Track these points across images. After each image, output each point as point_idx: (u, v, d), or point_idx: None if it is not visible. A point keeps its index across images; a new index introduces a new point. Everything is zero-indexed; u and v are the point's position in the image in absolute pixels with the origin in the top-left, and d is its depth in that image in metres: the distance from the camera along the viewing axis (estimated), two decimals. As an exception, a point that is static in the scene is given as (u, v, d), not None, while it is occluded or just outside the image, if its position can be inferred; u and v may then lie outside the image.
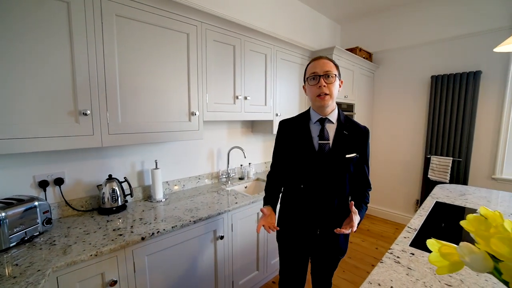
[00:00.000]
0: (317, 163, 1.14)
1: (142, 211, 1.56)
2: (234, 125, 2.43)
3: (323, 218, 1.18)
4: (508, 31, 2.46)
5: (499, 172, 2.56)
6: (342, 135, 1.16)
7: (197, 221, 1.46)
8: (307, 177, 1.17)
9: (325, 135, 1.15)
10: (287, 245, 1.27)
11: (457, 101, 2.66)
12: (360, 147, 1.19)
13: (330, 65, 1.11)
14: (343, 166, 1.15)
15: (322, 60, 1.13)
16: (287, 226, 1.26)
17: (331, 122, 1.18)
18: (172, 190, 1.98)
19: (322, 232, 1.19)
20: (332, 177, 1.15)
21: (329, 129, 1.17)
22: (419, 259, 1.04)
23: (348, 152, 1.15)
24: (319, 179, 1.15)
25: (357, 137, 1.18)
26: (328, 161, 1.14)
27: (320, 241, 1.20)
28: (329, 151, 1.14)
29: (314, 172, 1.15)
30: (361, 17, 3.42)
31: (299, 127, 1.21)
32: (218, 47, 1.82)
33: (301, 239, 1.22)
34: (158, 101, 1.53)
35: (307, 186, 1.17)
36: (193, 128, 1.72)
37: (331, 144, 1.15)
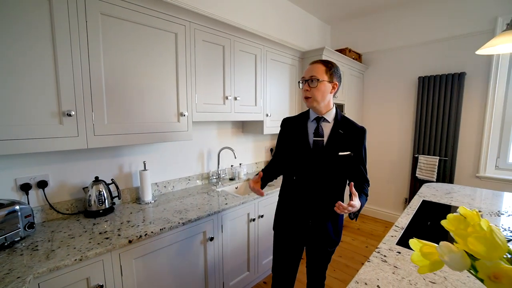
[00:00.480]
0: (310, 157, 1.22)
1: (130, 214, 1.53)
2: (224, 125, 2.42)
3: (315, 210, 1.24)
4: (489, 35, 2.54)
5: (482, 171, 2.64)
6: (337, 133, 1.22)
7: (186, 222, 1.45)
8: (299, 170, 1.25)
9: (319, 133, 1.22)
10: (282, 234, 1.35)
11: (443, 102, 2.73)
12: (356, 146, 1.23)
13: (316, 70, 1.18)
14: (336, 163, 1.21)
15: (312, 64, 1.21)
16: (282, 216, 1.35)
17: (327, 121, 1.24)
18: (161, 191, 1.96)
19: (314, 223, 1.25)
20: (323, 172, 1.21)
21: (324, 127, 1.23)
22: (405, 257, 1.06)
23: (341, 150, 1.20)
24: (310, 173, 1.22)
25: (352, 136, 1.22)
26: (320, 157, 1.20)
27: (312, 231, 1.27)
28: (322, 147, 1.21)
29: (307, 166, 1.23)
30: (350, 19, 3.46)
31: (298, 124, 1.30)
32: (207, 47, 1.81)
33: (294, 229, 1.29)
34: (145, 102, 1.51)
35: (299, 178, 1.25)
36: (182, 128, 1.70)
37: (325, 141, 1.21)
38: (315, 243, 1.29)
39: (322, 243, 1.28)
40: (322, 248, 1.30)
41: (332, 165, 1.21)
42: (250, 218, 1.90)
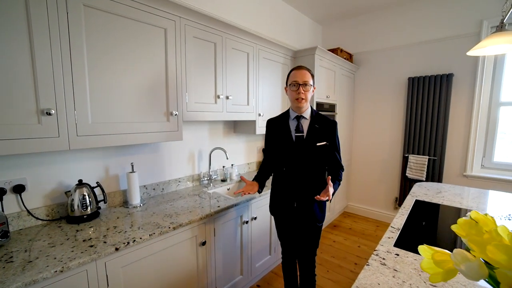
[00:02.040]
0: (294, 150, 1.46)
1: (116, 218, 1.45)
2: (216, 125, 2.36)
3: (299, 193, 1.48)
4: (475, 37, 2.60)
5: (469, 170, 2.70)
6: (314, 128, 1.46)
7: (177, 227, 1.38)
8: (287, 161, 1.48)
9: (300, 129, 1.47)
10: (276, 216, 1.62)
11: (432, 102, 2.77)
12: (330, 136, 1.46)
13: (308, 76, 1.42)
14: (315, 152, 1.44)
15: (302, 70, 1.43)
16: (274, 201, 1.60)
17: (305, 118, 1.48)
18: (151, 194, 1.87)
19: (299, 205, 1.48)
20: (306, 161, 1.45)
21: (303, 124, 1.48)
22: (404, 260, 1.05)
23: (319, 141, 1.44)
24: (296, 163, 1.46)
25: (326, 129, 1.46)
26: (303, 149, 1.45)
27: (297, 211, 1.49)
28: (303, 140, 1.45)
29: (293, 158, 1.46)
30: (342, 19, 3.47)
31: (281, 123, 1.53)
32: (198, 44, 1.74)
33: (284, 211, 1.54)
34: (133, 100, 1.43)
35: (288, 169, 1.48)
36: (172, 128, 1.63)
37: (305, 135, 1.46)
38: (302, 220, 1.51)
39: (308, 220, 1.49)
40: (309, 224, 1.50)
41: (312, 154, 1.44)
42: (243, 221, 1.85)
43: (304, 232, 1.53)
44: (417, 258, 1.06)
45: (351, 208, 3.64)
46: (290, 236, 1.60)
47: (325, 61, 2.74)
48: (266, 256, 2.16)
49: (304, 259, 1.58)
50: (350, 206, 3.66)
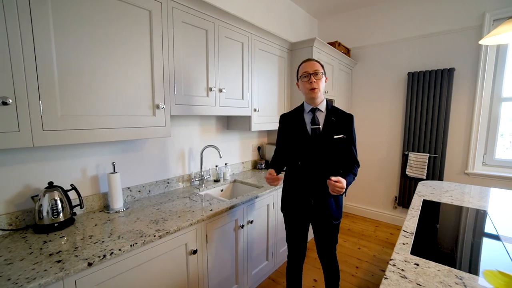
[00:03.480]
0: (310, 144, 1.40)
1: (94, 226, 1.27)
2: (208, 121, 2.19)
3: (316, 189, 1.41)
4: (477, 30, 2.52)
5: (471, 167, 2.62)
6: (330, 120, 1.41)
7: (163, 235, 1.21)
8: (303, 155, 1.42)
9: (316, 121, 1.42)
10: (289, 215, 1.53)
11: (433, 98, 2.68)
12: (346, 129, 1.41)
13: (317, 65, 1.39)
14: (332, 146, 1.39)
15: (311, 61, 1.40)
16: (288, 199, 1.51)
17: (321, 111, 1.44)
18: (135, 197, 1.69)
19: (316, 202, 1.42)
20: (323, 154, 1.39)
21: (319, 117, 1.43)
22: (425, 271, 0.91)
23: (335, 134, 1.39)
24: (312, 157, 1.40)
25: (342, 122, 1.41)
26: (319, 142, 1.39)
27: (315, 209, 1.44)
28: (319, 134, 1.40)
29: (308, 151, 1.40)
30: (338, 12, 3.35)
31: (295, 117, 1.48)
32: (187, 30, 1.57)
33: (299, 209, 1.47)
34: (113, 90, 1.24)
35: (303, 163, 1.42)
36: (158, 123, 1.46)
37: (321, 128, 1.41)
38: (319, 218, 1.45)
39: (325, 218, 1.43)
40: (326, 221, 1.44)
41: (329, 147, 1.39)
42: (239, 225, 1.70)
43: (322, 230, 1.47)
44: (440, 268, 0.93)
45: (349, 208, 3.53)
46: (302, 237, 1.54)
47: (323, 54, 2.61)
48: (263, 262, 2.00)
49: (325, 258, 1.53)
50: (348, 206, 3.55)
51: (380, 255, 2.45)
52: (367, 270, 2.21)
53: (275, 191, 2.02)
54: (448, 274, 0.90)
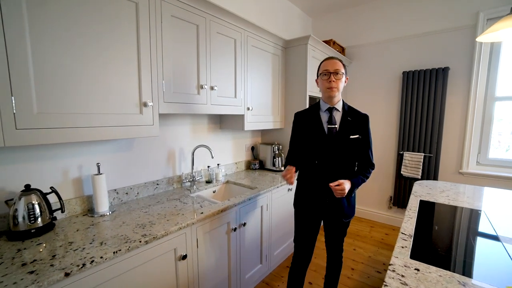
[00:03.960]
0: (327, 143, 1.40)
1: (75, 232, 1.18)
2: (200, 120, 2.11)
3: (331, 189, 1.37)
4: (471, 29, 2.51)
5: (465, 167, 2.62)
6: (346, 120, 1.41)
7: (150, 240, 1.14)
8: (320, 154, 1.42)
9: (332, 121, 1.41)
10: (302, 211, 1.52)
11: (428, 97, 2.67)
12: (362, 130, 1.42)
13: (339, 65, 1.37)
14: (348, 145, 1.39)
15: (333, 60, 1.38)
16: (302, 196, 1.52)
17: (338, 111, 1.43)
18: (122, 199, 1.61)
19: (330, 201, 1.43)
20: (339, 154, 1.40)
21: (336, 116, 1.43)
22: (427, 277, 0.86)
23: (352, 134, 1.40)
24: (329, 156, 1.40)
25: (359, 122, 1.42)
26: (335, 141, 1.39)
27: (328, 207, 1.45)
28: (336, 133, 1.40)
29: (325, 150, 1.40)
30: (332, 11, 3.32)
31: (311, 116, 1.47)
32: (177, 24, 1.50)
33: (313, 206, 1.47)
34: (97, 86, 1.17)
35: (320, 162, 1.42)
36: (146, 122, 1.38)
37: (338, 128, 1.41)
38: (332, 216, 1.47)
39: (338, 216, 1.46)
40: (338, 220, 1.47)
41: (345, 147, 1.39)
42: (231, 228, 1.63)
43: (333, 227, 1.51)
44: (442, 274, 0.88)
45: (344, 208, 3.50)
46: (312, 236, 1.53)
47: (317, 52, 2.56)
48: (256, 266, 1.94)
49: (332, 250, 1.58)
50: (343, 206, 3.51)
51: (376, 256, 2.42)
52: (363, 271, 2.17)
53: (268, 192, 1.97)
54: (450, 280, 0.85)
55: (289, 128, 2.61)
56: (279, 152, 2.59)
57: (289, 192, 2.28)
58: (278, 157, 2.57)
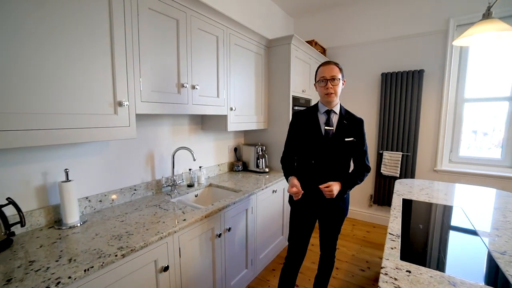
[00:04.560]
0: (323, 144, 1.44)
1: (38, 248, 1.05)
2: (180, 120, 2.01)
3: None
4: (443, 34, 2.64)
5: (439, 164, 2.75)
6: (342, 123, 1.46)
7: (127, 253, 1.03)
8: (316, 154, 1.45)
9: (330, 123, 1.45)
10: (298, 209, 1.54)
11: (405, 98, 2.77)
12: (357, 133, 1.46)
13: (335, 70, 1.39)
14: (343, 148, 1.44)
15: (330, 66, 1.40)
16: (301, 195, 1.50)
17: (335, 113, 1.47)
18: (95, 208, 1.47)
19: (326, 200, 1.46)
20: (335, 155, 1.44)
21: (333, 118, 1.47)
22: (419, 278, 0.86)
23: (347, 137, 1.44)
24: (325, 157, 1.44)
25: (354, 125, 1.47)
26: (331, 143, 1.43)
27: (324, 205, 1.48)
28: (332, 135, 1.44)
29: (322, 151, 1.44)
30: (314, 12, 3.34)
31: (309, 117, 1.51)
32: (155, 18, 1.40)
33: (310, 205, 1.50)
34: (64, 83, 1.04)
35: (317, 162, 1.46)
36: (121, 123, 1.26)
37: (335, 130, 1.45)
38: (327, 215, 1.52)
39: (333, 214, 1.51)
40: (333, 218, 1.52)
41: (340, 149, 1.43)
42: (216, 234, 1.55)
43: (328, 225, 1.55)
44: (432, 274, 0.88)
45: (326, 207, 3.54)
46: (306, 235, 1.55)
47: (300, 53, 2.56)
48: (242, 271, 1.88)
49: (326, 245, 1.61)
50: (325, 205, 3.55)
51: (359, 254, 2.46)
52: (347, 270, 2.19)
53: (253, 194, 1.91)
54: (441, 280, 0.85)
55: (272, 129, 2.57)
56: (263, 153, 2.54)
57: (274, 194, 2.24)
58: (262, 158, 2.52)
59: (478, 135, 2.71)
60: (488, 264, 0.96)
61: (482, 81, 2.61)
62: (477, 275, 0.90)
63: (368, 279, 2.07)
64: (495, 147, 2.63)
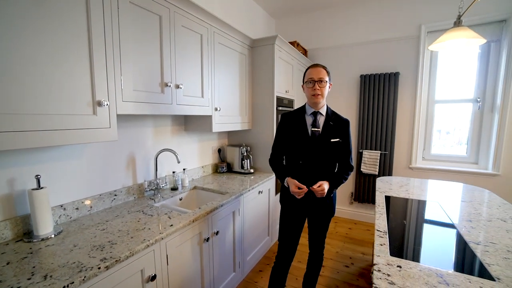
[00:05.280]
0: (310, 145, 1.48)
1: (5, 265, 0.94)
2: (163, 121, 1.93)
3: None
4: (416, 39, 2.81)
5: (414, 162, 2.92)
6: (329, 125, 1.50)
7: (112, 265, 0.96)
8: (304, 155, 1.50)
9: (316, 124, 1.50)
10: (288, 209, 1.58)
11: (382, 99, 2.90)
12: (343, 133, 1.50)
13: (323, 73, 1.44)
14: (329, 148, 1.48)
15: (318, 68, 1.45)
16: (289, 194, 1.54)
17: (322, 115, 1.51)
18: (71, 216, 1.35)
19: (314, 197, 1.49)
20: (321, 155, 1.49)
21: (319, 120, 1.51)
22: (409, 272, 0.89)
23: (332, 138, 1.48)
24: (312, 157, 1.49)
25: (339, 126, 1.51)
26: (318, 144, 1.48)
27: (313, 204, 1.52)
28: (319, 136, 1.49)
29: (309, 152, 1.49)
30: (295, 14, 3.39)
31: (297, 118, 1.55)
32: (137, 13, 1.32)
33: (299, 203, 1.53)
34: (35, 80, 0.94)
35: (304, 162, 1.50)
36: (101, 124, 1.18)
37: (321, 131, 1.49)
38: (315, 214, 1.56)
39: (321, 213, 1.55)
40: (321, 216, 1.56)
41: (327, 149, 1.48)
42: (204, 238, 1.51)
43: (317, 223, 1.59)
44: (421, 268, 0.92)
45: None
46: (296, 233, 1.59)
47: (284, 53, 2.58)
48: (230, 275, 1.84)
49: (315, 243, 1.65)
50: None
51: (343, 250, 2.53)
52: (332, 268, 2.25)
53: (240, 196, 1.89)
54: (429, 273, 0.89)
55: (256, 129, 2.56)
56: (248, 154, 2.52)
57: (260, 194, 2.23)
58: (246, 159, 2.50)
59: (441, 133, 2.93)
60: (468, 255, 1.02)
61: (450, 84, 2.81)
62: (459, 265, 0.96)
63: (352, 275, 2.14)
64: (456, 144, 2.86)
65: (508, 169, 2.54)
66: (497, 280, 0.86)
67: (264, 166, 2.56)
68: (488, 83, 2.62)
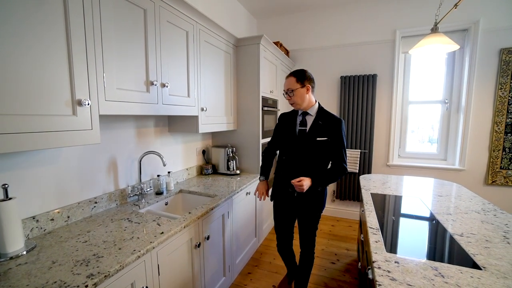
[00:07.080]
0: (295, 142, 1.57)
1: (-28, 288, 0.81)
2: (145, 122, 1.82)
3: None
4: (391, 43, 2.96)
5: (391, 160, 3.08)
6: (317, 124, 1.54)
7: (101, 281, 0.87)
8: (288, 151, 1.61)
9: (303, 123, 1.57)
10: (277, 204, 1.73)
11: (361, 100, 3.02)
12: (332, 133, 1.51)
13: (289, 83, 1.54)
14: (315, 146, 1.52)
15: (287, 78, 1.56)
16: (276, 189, 1.70)
17: (310, 115, 1.57)
18: (46, 229, 1.22)
19: (298, 195, 1.57)
20: (305, 153, 1.54)
21: (308, 120, 1.58)
22: (407, 268, 0.92)
23: (320, 136, 1.52)
24: (295, 154, 1.57)
25: (330, 125, 1.52)
26: (303, 142, 1.55)
27: (298, 200, 1.60)
28: (305, 134, 1.55)
29: (293, 149, 1.58)
30: (277, 14, 3.40)
31: (290, 117, 1.66)
32: (120, 6, 1.23)
33: (283, 198, 1.67)
34: (4, 77, 0.82)
35: (287, 158, 1.61)
36: (82, 126, 1.07)
37: (308, 130, 1.55)
38: (303, 210, 1.61)
39: (308, 209, 1.59)
40: (308, 212, 1.60)
41: (312, 147, 1.53)
42: (194, 244, 1.44)
43: (305, 219, 1.62)
44: (417, 262, 0.96)
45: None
46: (288, 227, 1.73)
47: (268, 53, 2.57)
48: (220, 279, 1.79)
49: (304, 241, 1.67)
50: (291, 203, 3.66)
51: (328, 248, 2.59)
52: (319, 265, 2.29)
53: (229, 199, 1.84)
54: (425, 267, 0.93)
55: (242, 129, 2.53)
56: (233, 155, 2.48)
57: (248, 196, 2.20)
58: (232, 160, 2.45)
59: (415, 132, 3.14)
60: (455, 247, 1.09)
61: (422, 86, 3.01)
62: (448, 256, 1.02)
63: (339, 271, 2.19)
64: (419, 142, 3.11)
65: (472, 164, 2.78)
66: (483, 269, 0.92)
67: (251, 166, 2.54)
68: (454, 86, 2.85)
